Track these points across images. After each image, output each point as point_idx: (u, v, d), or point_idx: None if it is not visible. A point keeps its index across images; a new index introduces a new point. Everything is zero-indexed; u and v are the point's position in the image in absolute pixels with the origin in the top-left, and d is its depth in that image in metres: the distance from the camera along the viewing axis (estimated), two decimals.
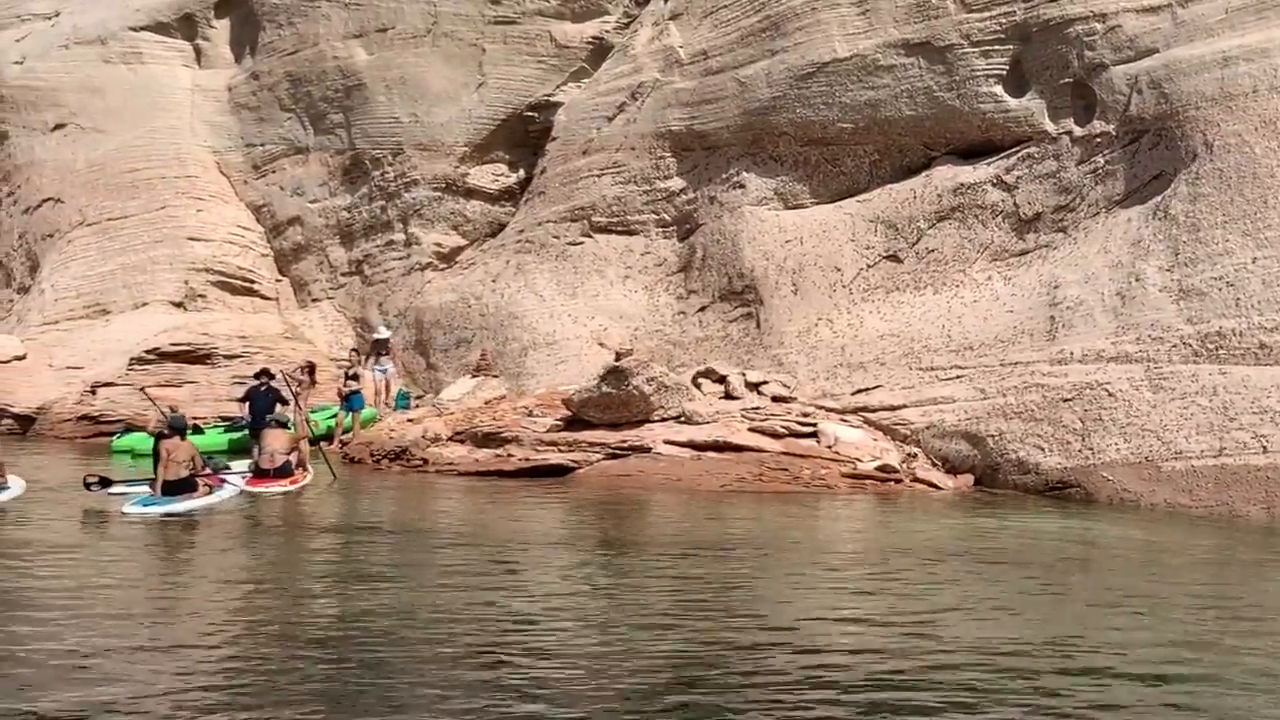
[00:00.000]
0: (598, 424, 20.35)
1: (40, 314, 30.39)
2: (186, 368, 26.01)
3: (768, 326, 23.46)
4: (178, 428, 16.01)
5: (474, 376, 24.54)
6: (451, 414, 23.20)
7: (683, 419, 20.25)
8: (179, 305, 29.65)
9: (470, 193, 28.47)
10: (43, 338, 29.19)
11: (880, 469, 18.60)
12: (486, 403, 23.68)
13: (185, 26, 33.40)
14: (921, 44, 22.34)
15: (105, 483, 15.87)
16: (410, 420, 23.87)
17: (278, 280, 30.69)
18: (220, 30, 33.20)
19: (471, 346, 26.61)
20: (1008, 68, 21.69)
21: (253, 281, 30.14)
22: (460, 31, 28.39)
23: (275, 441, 17.77)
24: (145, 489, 15.74)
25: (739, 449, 19.19)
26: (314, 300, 30.18)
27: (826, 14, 23.46)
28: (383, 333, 25.53)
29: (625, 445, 19.36)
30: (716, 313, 24.55)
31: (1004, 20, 21.59)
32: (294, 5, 30.77)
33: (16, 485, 15.79)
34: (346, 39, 29.73)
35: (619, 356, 20.36)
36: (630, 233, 26.22)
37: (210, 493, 15.84)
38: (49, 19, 36.27)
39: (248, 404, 21.28)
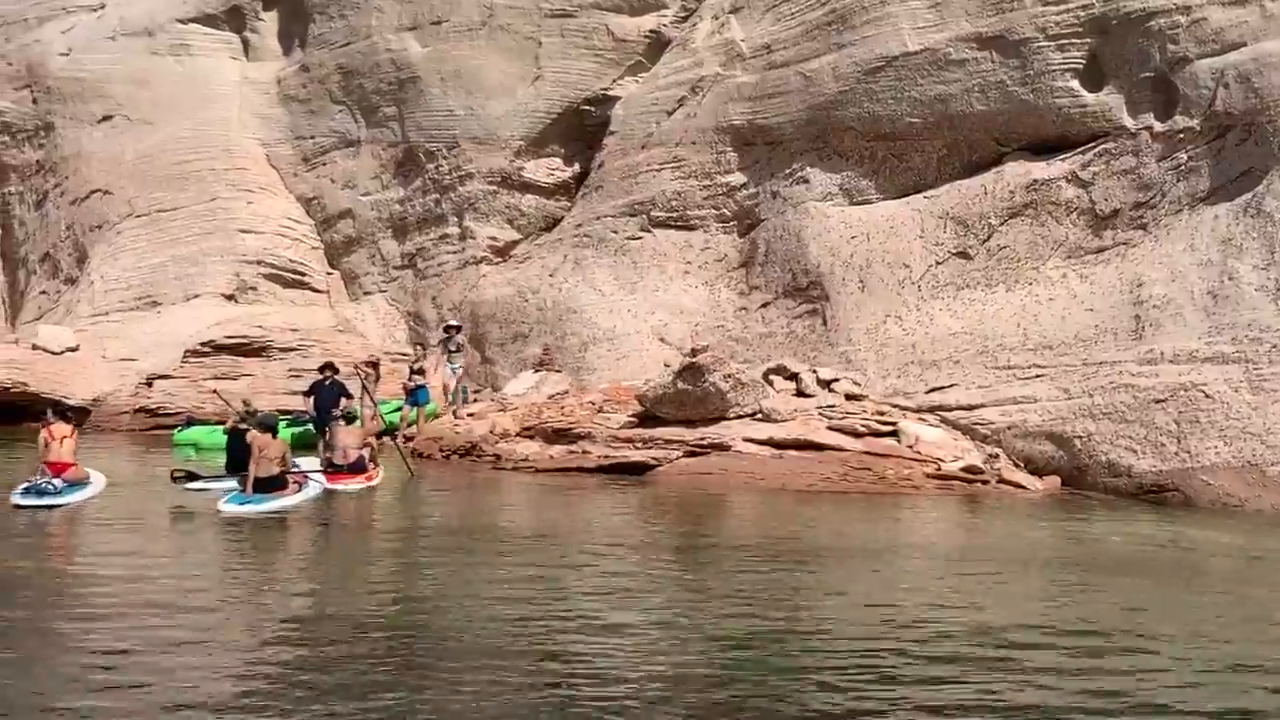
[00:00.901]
0: (671, 421, 19.63)
1: (90, 305, 29.67)
2: (242, 360, 25.31)
3: (834, 323, 22.72)
4: (269, 425, 15.30)
5: (536, 371, 23.81)
6: (515, 409, 22.49)
7: (759, 416, 19.51)
8: (230, 298, 28.95)
9: (525, 187, 27.72)
10: (94, 329, 28.48)
11: (966, 470, 17.86)
12: (550, 398, 22.96)
13: (233, 18, 32.66)
14: (995, 38, 21.57)
15: (191, 477, 15.19)
16: (471, 415, 23.16)
17: (328, 273, 29.94)
18: (268, 22, 32.46)
19: (528, 341, 25.89)
20: (1085, 62, 20.92)
21: (304, 274, 29.41)
22: (516, 24, 27.63)
23: (348, 437, 17.07)
24: (229, 485, 15.06)
25: (820, 448, 18.48)
26: (365, 293, 29.44)
27: (896, 7, 22.69)
28: (453, 321, 24.68)
29: (704, 443, 18.64)
30: (780, 309, 23.80)
31: (1082, 13, 20.82)
32: None
33: (98, 481, 15.05)
34: (400, 31, 28.97)
35: (694, 353, 19.62)
36: (690, 228, 25.46)
37: (299, 490, 15.14)
38: (94, 11, 35.45)
39: (312, 398, 20.53)
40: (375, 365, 22.49)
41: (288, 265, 29.35)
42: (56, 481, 14.21)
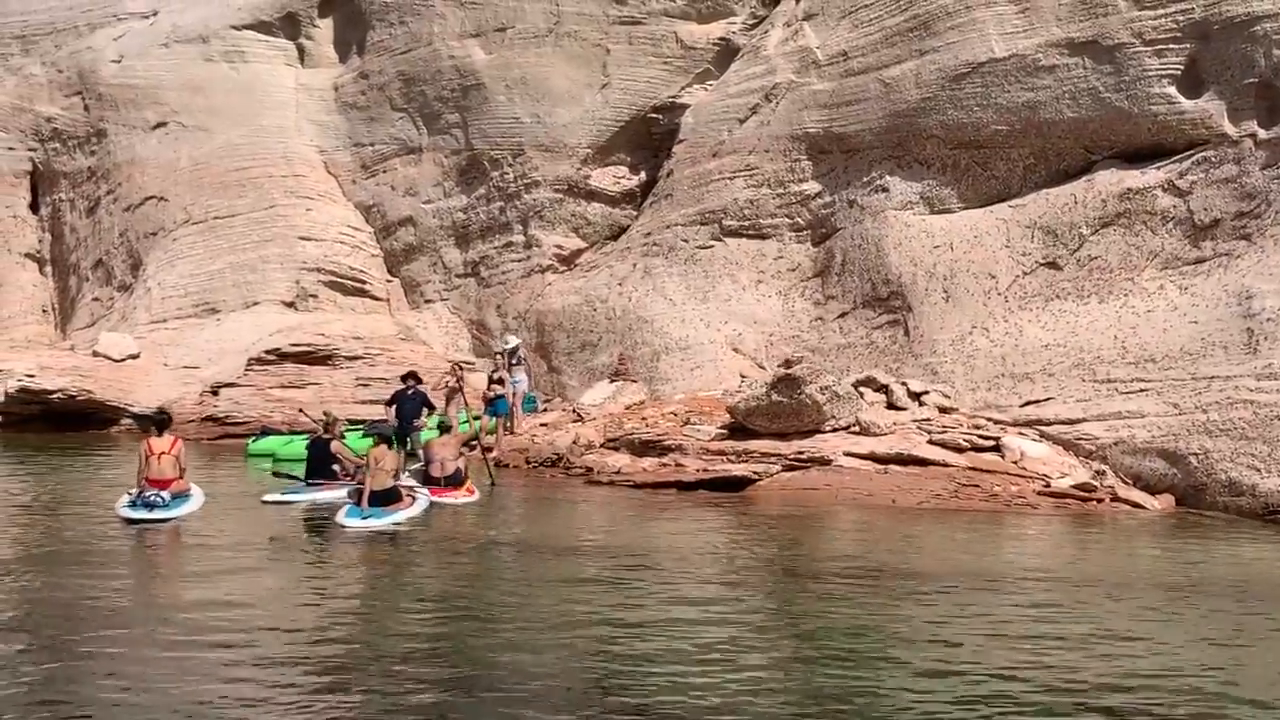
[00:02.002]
0: (763, 433, 18.68)
1: (148, 312, 28.76)
2: (307, 369, 24.37)
3: (918, 334, 21.75)
4: (386, 436, 14.37)
5: (612, 381, 22.82)
6: (593, 419, 21.55)
7: (854, 429, 18.54)
8: (290, 305, 28.02)
9: (591, 195, 26.80)
10: (152, 336, 27.59)
11: (1079, 487, 16.82)
12: (627, 408, 22.02)
13: (288, 25, 31.81)
14: (1088, 43, 20.62)
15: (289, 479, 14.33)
16: (544, 425, 22.22)
17: (387, 281, 28.99)
18: (324, 29, 31.61)
19: (597, 350, 24.94)
20: (1183, 67, 19.98)
21: (364, 282, 28.50)
22: (584, 31, 26.73)
23: (444, 449, 16.09)
24: (312, 496, 14.24)
25: (923, 463, 17.50)
26: (426, 302, 28.49)
27: (982, 13, 21.77)
28: (511, 341, 23.65)
29: (803, 457, 17.66)
30: (858, 319, 22.84)
31: (1181, 18, 19.88)
32: (406, 4, 29.16)
33: (198, 496, 14.07)
34: (463, 38, 28.07)
35: (789, 364, 18.63)
36: (762, 236, 24.52)
37: (413, 503, 14.17)
38: (146, 18, 34.63)
39: (394, 408, 19.59)
40: (459, 370, 21.52)
41: (348, 273, 28.44)
42: (164, 494, 13.29)
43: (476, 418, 21.50)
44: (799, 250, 24.22)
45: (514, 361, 22.76)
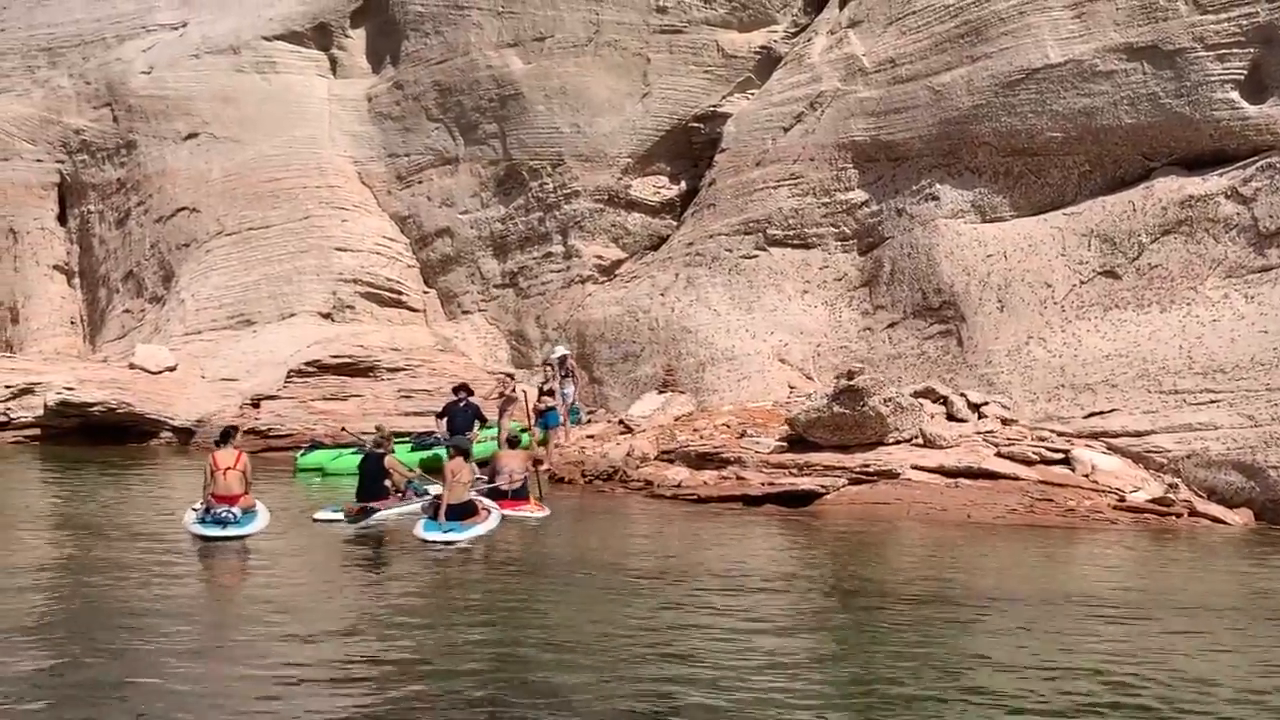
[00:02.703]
0: (825, 445, 18.02)
1: (182, 324, 28.14)
2: (349, 381, 23.69)
3: (972, 344, 21.10)
4: (463, 449, 13.73)
5: (661, 392, 22.17)
6: (643, 430, 20.90)
7: (918, 441, 17.90)
8: (327, 316, 27.38)
9: (632, 205, 26.20)
10: (187, 348, 26.96)
11: (1156, 501, 16.17)
12: (676, 419, 21.37)
13: (320, 36, 31.23)
14: (1147, 48, 20.02)
15: (367, 512, 13.66)
16: (591, 437, 21.58)
17: (424, 292, 28.35)
18: (356, 40, 31.02)
19: (640, 361, 24.29)
20: (1246, 72, 19.38)
21: (400, 293, 27.88)
22: (624, 40, 26.14)
23: (513, 461, 15.47)
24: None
25: (993, 476, 16.83)
26: (464, 312, 27.86)
27: (1036, 18, 21.16)
28: (559, 350, 22.94)
29: (869, 470, 17.00)
30: (909, 329, 22.19)
31: (1244, 22, 19.27)
32: (441, 14, 28.55)
33: (263, 512, 13.41)
34: (500, 48, 27.48)
35: (851, 375, 17.99)
36: (807, 246, 23.89)
37: (489, 516, 13.54)
38: (175, 29, 34.04)
39: (445, 420, 18.95)
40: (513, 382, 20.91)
41: (385, 284, 27.81)
42: (235, 510, 12.66)
43: (524, 430, 20.84)
44: (845, 259, 23.59)
45: (563, 373, 22.11)
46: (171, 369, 25.08)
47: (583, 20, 26.47)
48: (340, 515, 14.37)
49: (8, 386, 24.05)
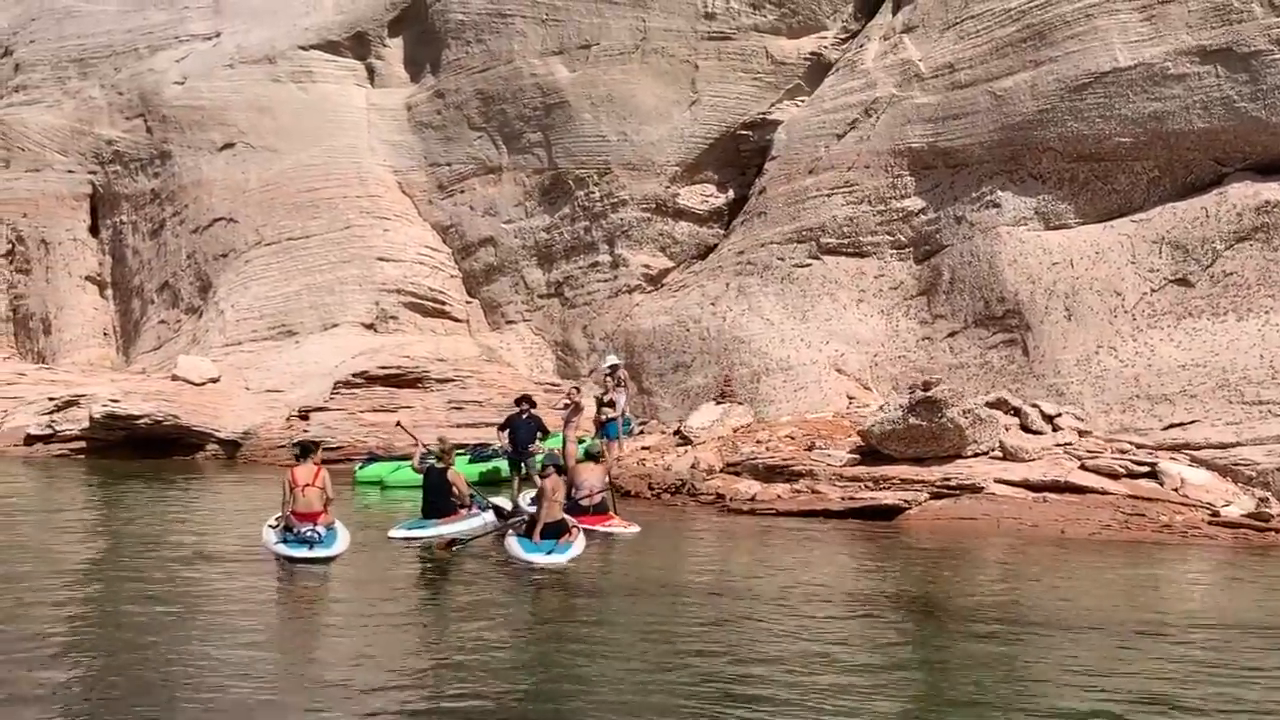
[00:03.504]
0: (899, 458, 17.25)
1: (222, 335, 27.39)
2: (397, 392, 22.91)
3: (1038, 354, 20.32)
4: (560, 466, 12.94)
5: (718, 403, 21.39)
6: (702, 442, 20.13)
7: (996, 454, 17.12)
8: (369, 327, 26.61)
9: (679, 213, 25.44)
10: (228, 359, 26.21)
11: (1253, 516, 15.38)
12: (734, 431, 20.60)
13: (357, 45, 30.50)
14: (1220, 50, 19.29)
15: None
16: (646, 449, 20.83)
17: (467, 302, 27.59)
18: (394, 49, 30.28)
19: (690, 371, 23.51)
20: None
21: (444, 303, 27.12)
22: (671, 48, 25.40)
23: (591, 476, 14.71)
24: (439, 530, 12.93)
25: (1080, 490, 16.04)
26: (508, 323, 27.09)
27: (1104, 21, 20.43)
28: (610, 360, 22.18)
29: (951, 484, 16.21)
30: (971, 338, 21.41)
31: None
32: (484, 22, 27.83)
33: (343, 532, 12.63)
34: (545, 56, 26.74)
35: (927, 386, 17.23)
36: (862, 254, 23.13)
37: (578, 533, 12.79)
38: (209, 39, 33.33)
39: (508, 432, 18.18)
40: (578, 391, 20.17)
41: (428, 294, 27.06)
42: (320, 529, 11.89)
43: (581, 441, 20.09)
44: (901, 268, 22.83)
45: (615, 383, 21.33)
46: (215, 380, 24.34)
47: (629, 28, 25.75)
48: (415, 532, 13.64)
49: (51, 399, 23.32)
